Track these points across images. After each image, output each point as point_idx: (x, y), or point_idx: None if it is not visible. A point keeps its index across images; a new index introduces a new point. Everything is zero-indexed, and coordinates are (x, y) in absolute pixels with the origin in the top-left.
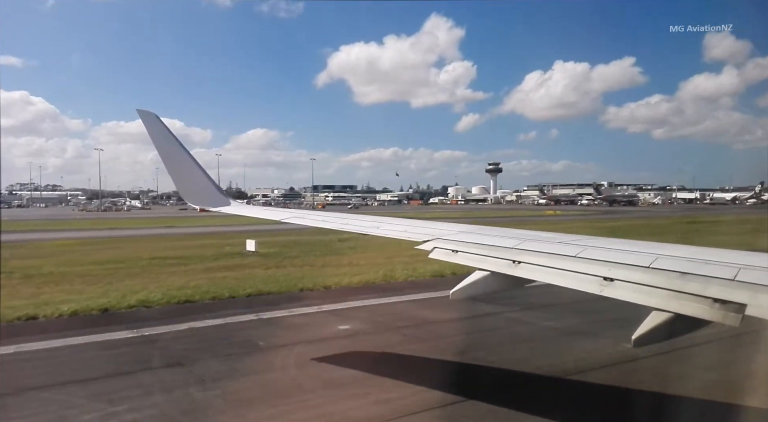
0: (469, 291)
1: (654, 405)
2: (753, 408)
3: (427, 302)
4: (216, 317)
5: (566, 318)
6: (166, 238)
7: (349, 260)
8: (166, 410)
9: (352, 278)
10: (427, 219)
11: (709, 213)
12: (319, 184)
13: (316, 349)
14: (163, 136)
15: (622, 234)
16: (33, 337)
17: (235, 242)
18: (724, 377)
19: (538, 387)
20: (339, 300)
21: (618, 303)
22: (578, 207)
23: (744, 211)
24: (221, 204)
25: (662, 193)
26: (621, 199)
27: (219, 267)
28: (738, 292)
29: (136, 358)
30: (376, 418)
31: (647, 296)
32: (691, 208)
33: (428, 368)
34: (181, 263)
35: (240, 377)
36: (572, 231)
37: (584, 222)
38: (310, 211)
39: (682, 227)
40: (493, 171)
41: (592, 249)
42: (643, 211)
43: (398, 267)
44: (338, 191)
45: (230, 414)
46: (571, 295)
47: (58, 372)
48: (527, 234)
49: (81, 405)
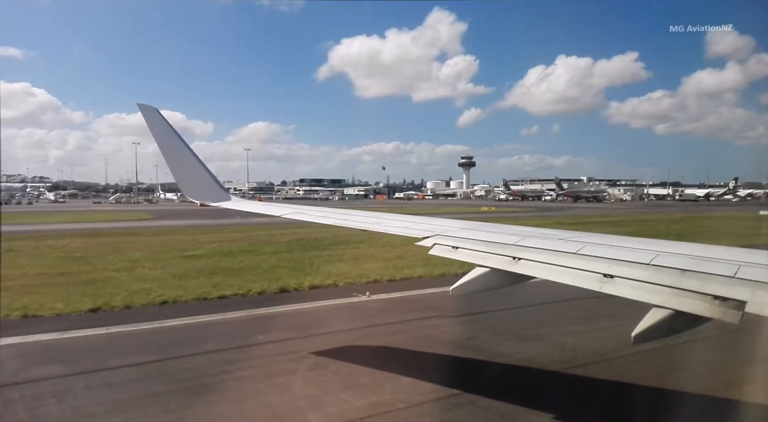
0: (469, 288)
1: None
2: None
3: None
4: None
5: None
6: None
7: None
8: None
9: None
10: (425, 215)
11: (670, 210)
12: (306, 178)
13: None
14: (163, 131)
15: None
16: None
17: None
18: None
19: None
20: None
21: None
22: (541, 202)
23: (705, 209)
24: (221, 199)
25: (634, 188)
26: (585, 194)
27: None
28: (738, 289)
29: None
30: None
31: (647, 293)
32: (656, 204)
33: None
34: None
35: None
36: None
37: (516, 218)
38: (310, 207)
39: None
40: (466, 165)
41: (592, 246)
42: (602, 207)
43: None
44: (312, 185)
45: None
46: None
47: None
48: (528, 230)
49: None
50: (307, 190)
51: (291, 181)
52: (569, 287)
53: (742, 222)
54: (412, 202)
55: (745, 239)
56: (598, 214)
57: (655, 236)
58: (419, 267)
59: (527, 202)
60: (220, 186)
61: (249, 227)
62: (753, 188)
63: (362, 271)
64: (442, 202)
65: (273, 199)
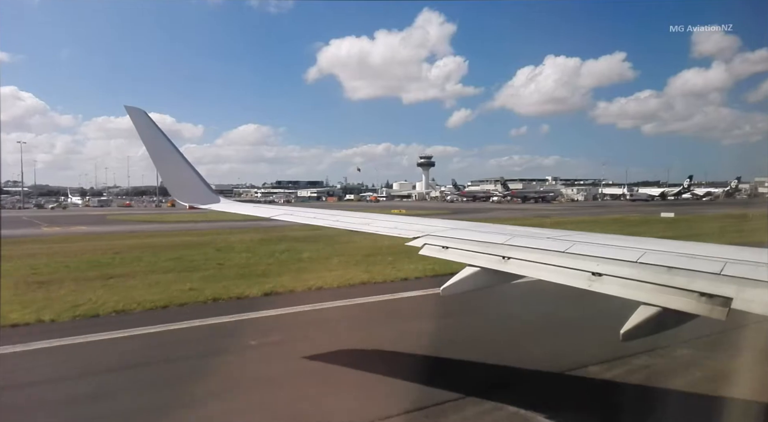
0: (459, 288)
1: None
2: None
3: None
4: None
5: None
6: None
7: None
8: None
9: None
10: (419, 216)
11: (608, 211)
12: (283, 180)
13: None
14: (151, 133)
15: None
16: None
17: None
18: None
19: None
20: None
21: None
22: (489, 203)
23: (644, 209)
24: (210, 201)
25: (588, 188)
26: (533, 195)
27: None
28: (724, 286)
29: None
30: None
31: (635, 290)
32: (602, 205)
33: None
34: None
35: None
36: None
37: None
38: (300, 208)
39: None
40: (425, 165)
41: (580, 245)
42: (538, 208)
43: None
44: (287, 187)
45: None
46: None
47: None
48: (517, 229)
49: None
50: (264, 193)
51: (270, 183)
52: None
53: (627, 228)
54: (361, 203)
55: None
56: (513, 218)
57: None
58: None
59: (475, 204)
60: (209, 188)
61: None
62: (717, 187)
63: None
64: (388, 204)
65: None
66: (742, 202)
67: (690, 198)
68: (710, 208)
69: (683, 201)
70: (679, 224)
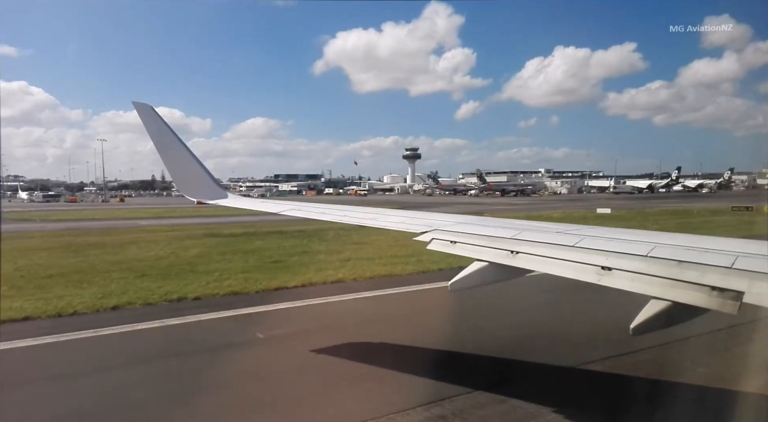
0: (468, 282)
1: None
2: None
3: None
4: None
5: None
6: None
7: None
8: None
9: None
10: (427, 210)
11: (586, 205)
12: (281, 174)
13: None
14: (159, 128)
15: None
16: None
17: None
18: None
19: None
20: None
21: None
22: (467, 196)
23: (617, 202)
24: (218, 196)
25: (574, 181)
26: (512, 188)
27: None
28: (736, 280)
29: None
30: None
31: (645, 285)
32: (584, 198)
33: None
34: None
35: None
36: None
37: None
38: (307, 203)
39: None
40: (411, 157)
41: (589, 239)
42: (518, 202)
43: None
44: (287, 180)
45: None
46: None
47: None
48: (525, 224)
49: None
50: (248, 187)
51: (270, 177)
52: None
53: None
54: (339, 196)
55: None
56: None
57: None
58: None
59: (449, 197)
60: (217, 183)
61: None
62: (712, 179)
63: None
64: (369, 199)
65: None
66: (737, 194)
67: (681, 190)
68: (695, 200)
69: (674, 193)
70: (606, 223)
